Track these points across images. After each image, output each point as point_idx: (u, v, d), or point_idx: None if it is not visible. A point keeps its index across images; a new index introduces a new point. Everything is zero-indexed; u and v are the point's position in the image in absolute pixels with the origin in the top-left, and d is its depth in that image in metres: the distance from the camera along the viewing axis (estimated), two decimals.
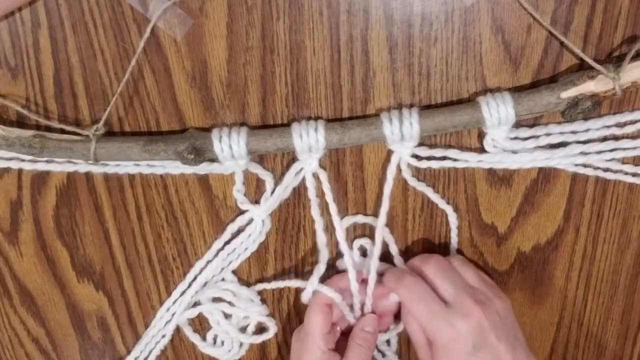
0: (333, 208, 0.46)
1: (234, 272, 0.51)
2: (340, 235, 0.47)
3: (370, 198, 0.48)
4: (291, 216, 0.49)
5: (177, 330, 0.53)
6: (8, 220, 0.50)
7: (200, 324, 0.53)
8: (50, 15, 0.42)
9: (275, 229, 0.49)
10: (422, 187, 0.47)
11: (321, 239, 0.47)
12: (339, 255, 0.49)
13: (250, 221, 0.48)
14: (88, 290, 0.52)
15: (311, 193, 0.46)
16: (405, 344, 0.53)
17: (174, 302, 0.52)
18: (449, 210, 0.48)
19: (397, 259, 0.48)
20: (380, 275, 0.47)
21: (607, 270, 0.51)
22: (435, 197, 0.47)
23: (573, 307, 0.52)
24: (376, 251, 0.47)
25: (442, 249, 0.50)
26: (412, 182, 0.46)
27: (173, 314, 0.52)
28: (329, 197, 0.46)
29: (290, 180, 0.46)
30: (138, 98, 0.45)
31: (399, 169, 0.46)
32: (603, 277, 0.51)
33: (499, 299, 0.44)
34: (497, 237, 0.49)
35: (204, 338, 0.53)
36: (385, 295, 0.47)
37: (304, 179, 0.47)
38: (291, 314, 0.53)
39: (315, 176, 0.46)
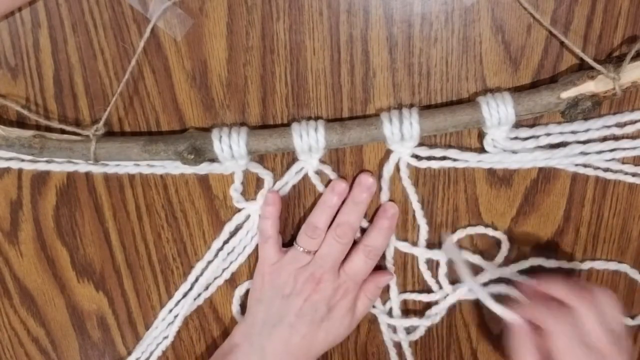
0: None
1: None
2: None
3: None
4: (291, 216, 0.49)
5: (178, 331, 0.53)
6: (8, 220, 0.50)
7: (201, 325, 0.53)
8: (50, 15, 0.42)
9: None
10: (410, 192, 0.47)
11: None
12: None
13: (247, 218, 0.48)
14: (88, 290, 0.52)
15: (321, 189, 0.47)
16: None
17: (176, 304, 0.52)
18: (422, 222, 0.48)
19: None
20: None
21: (607, 271, 0.51)
22: (417, 206, 0.48)
23: None
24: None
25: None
26: (406, 182, 0.46)
27: (175, 316, 0.52)
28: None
29: (290, 178, 0.46)
30: (138, 98, 0.45)
31: (397, 168, 0.46)
32: (603, 277, 0.51)
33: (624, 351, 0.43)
34: (497, 237, 0.49)
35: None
36: None
37: (304, 180, 0.47)
38: None
39: (319, 173, 0.46)
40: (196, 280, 0.51)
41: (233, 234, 0.49)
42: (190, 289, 0.51)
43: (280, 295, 0.47)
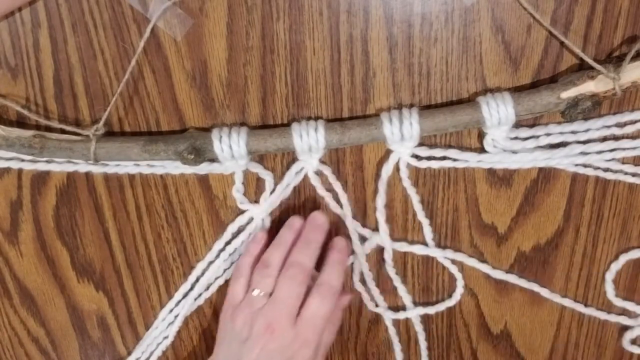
0: (344, 197, 0.47)
1: None
2: (351, 223, 0.48)
3: (370, 198, 0.48)
4: (291, 216, 0.49)
5: (179, 331, 0.53)
6: (8, 220, 0.50)
7: (201, 325, 0.53)
8: (50, 15, 0.42)
9: (276, 229, 0.49)
10: (411, 192, 0.47)
11: (352, 223, 0.48)
12: None
13: (250, 221, 0.48)
14: (88, 290, 0.52)
15: (320, 190, 0.47)
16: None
17: (177, 304, 0.52)
18: (425, 222, 0.48)
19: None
20: None
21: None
22: (418, 207, 0.47)
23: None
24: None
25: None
26: (406, 183, 0.46)
27: (176, 316, 0.52)
28: (337, 187, 0.47)
29: (290, 179, 0.46)
30: (138, 98, 0.45)
31: (397, 169, 0.46)
32: (603, 277, 0.51)
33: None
34: (497, 237, 0.49)
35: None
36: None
37: (304, 180, 0.47)
38: None
39: (319, 173, 0.46)
40: (197, 280, 0.51)
41: (235, 235, 0.49)
42: (191, 289, 0.51)
43: (237, 340, 0.44)
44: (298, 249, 0.45)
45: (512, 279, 0.50)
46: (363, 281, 0.51)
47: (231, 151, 0.43)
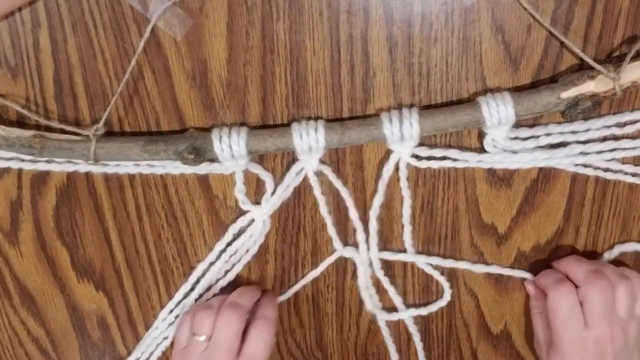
0: (346, 193, 0.47)
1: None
2: (356, 218, 0.48)
3: (370, 198, 0.48)
4: (291, 216, 0.49)
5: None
6: (8, 220, 0.50)
7: None
8: (50, 15, 0.42)
9: (276, 229, 0.49)
10: (405, 194, 0.47)
11: (333, 232, 0.48)
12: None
13: (251, 222, 0.48)
14: (88, 290, 0.52)
15: (317, 191, 0.46)
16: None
17: (177, 305, 0.52)
18: (407, 228, 0.48)
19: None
20: None
21: None
22: (406, 212, 0.48)
23: None
24: (373, 241, 0.48)
25: (442, 248, 0.50)
26: (403, 184, 0.46)
27: (176, 317, 0.52)
28: (339, 185, 0.46)
29: (291, 180, 0.46)
30: (138, 98, 0.45)
31: (397, 169, 0.46)
32: None
33: (635, 323, 0.46)
34: (497, 237, 0.49)
35: None
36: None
37: (304, 179, 0.47)
38: None
39: (318, 173, 0.46)
40: (197, 281, 0.51)
41: (236, 236, 0.49)
42: (192, 290, 0.51)
43: None
44: (236, 292, 0.48)
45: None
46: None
47: (231, 151, 0.43)
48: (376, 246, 0.48)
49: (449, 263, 0.50)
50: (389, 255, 0.49)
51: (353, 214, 0.47)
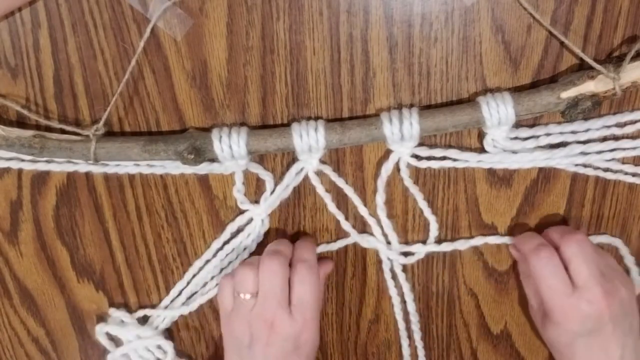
0: (350, 190, 0.47)
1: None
2: (366, 213, 0.48)
3: (370, 198, 0.48)
4: (291, 216, 0.49)
5: (177, 330, 0.53)
6: (8, 220, 0.50)
7: (200, 325, 0.53)
8: (50, 15, 0.42)
9: (276, 229, 0.49)
10: (414, 191, 0.47)
11: (348, 226, 0.48)
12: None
13: (249, 221, 0.48)
14: (88, 290, 0.52)
15: (320, 190, 0.46)
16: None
17: (172, 301, 0.52)
18: (432, 220, 0.48)
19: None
20: None
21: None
22: (423, 204, 0.47)
23: None
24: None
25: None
26: (408, 182, 0.46)
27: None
28: (341, 184, 0.46)
29: (290, 180, 0.46)
30: (138, 98, 0.45)
31: (398, 169, 0.46)
32: None
33: (626, 289, 0.44)
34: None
35: None
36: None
37: (304, 180, 0.47)
38: None
39: (318, 173, 0.46)
40: (193, 277, 0.51)
41: (234, 234, 0.49)
42: (187, 285, 0.51)
43: (242, 347, 0.44)
44: (271, 244, 0.46)
45: None
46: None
47: (231, 151, 0.43)
48: (394, 232, 0.48)
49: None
50: (407, 248, 0.49)
51: (363, 210, 0.47)
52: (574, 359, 0.44)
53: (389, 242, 0.49)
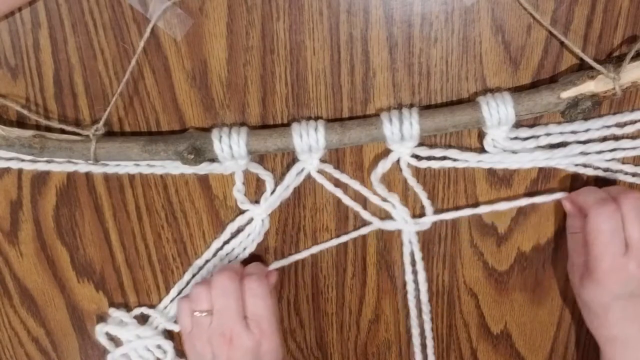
0: (356, 184, 0.47)
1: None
2: (376, 198, 0.47)
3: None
4: (291, 216, 0.49)
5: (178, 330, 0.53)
6: (8, 220, 0.50)
7: None
8: (50, 15, 0.42)
9: (275, 229, 0.49)
10: (418, 190, 0.47)
11: (367, 214, 0.48)
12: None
13: (249, 221, 0.48)
14: (88, 290, 0.52)
15: (329, 186, 0.46)
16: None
17: (172, 301, 0.52)
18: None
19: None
20: None
21: None
22: (426, 203, 0.47)
23: (573, 307, 0.52)
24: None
25: (442, 248, 0.50)
26: (412, 181, 0.46)
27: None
28: (345, 179, 0.46)
29: (291, 180, 0.46)
30: (138, 98, 0.45)
31: (399, 169, 0.46)
32: None
33: None
34: (497, 237, 0.49)
35: None
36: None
37: (303, 180, 0.47)
38: None
39: (320, 172, 0.46)
40: (192, 277, 0.51)
41: (234, 234, 0.49)
42: (187, 285, 0.51)
43: None
44: (219, 268, 0.47)
45: None
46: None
47: (231, 151, 0.43)
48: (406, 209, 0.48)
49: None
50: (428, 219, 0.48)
51: (374, 198, 0.47)
52: (607, 320, 0.44)
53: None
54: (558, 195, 0.46)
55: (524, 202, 0.47)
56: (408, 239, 0.49)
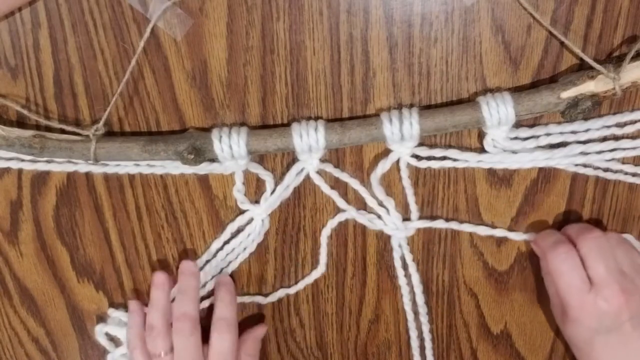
0: (356, 183, 0.46)
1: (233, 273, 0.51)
2: (374, 202, 0.47)
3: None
4: (291, 216, 0.49)
5: None
6: (8, 220, 0.50)
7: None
8: (50, 15, 0.42)
9: (275, 229, 0.49)
10: (409, 193, 0.47)
11: (363, 219, 0.48)
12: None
13: (249, 221, 0.48)
14: (88, 290, 0.52)
15: (325, 189, 0.46)
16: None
17: (172, 301, 0.52)
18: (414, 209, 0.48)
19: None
20: None
21: None
22: (414, 208, 0.47)
23: None
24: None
25: (442, 248, 0.50)
26: (406, 182, 0.46)
27: None
28: (346, 178, 0.46)
29: (291, 180, 0.46)
30: (138, 98, 0.45)
31: (398, 169, 0.46)
32: None
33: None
34: (497, 237, 0.49)
35: None
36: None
37: (303, 180, 0.47)
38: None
39: (320, 172, 0.46)
40: None
41: (234, 234, 0.49)
42: None
43: None
44: (178, 301, 0.47)
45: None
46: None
47: (231, 151, 0.43)
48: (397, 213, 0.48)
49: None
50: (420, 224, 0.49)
51: (370, 201, 0.47)
52: (593, 356, 0.44)
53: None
54: (526, 237, 0.48)
55: (498, 232, 0.48)
56: (398, 243, 0.49)
